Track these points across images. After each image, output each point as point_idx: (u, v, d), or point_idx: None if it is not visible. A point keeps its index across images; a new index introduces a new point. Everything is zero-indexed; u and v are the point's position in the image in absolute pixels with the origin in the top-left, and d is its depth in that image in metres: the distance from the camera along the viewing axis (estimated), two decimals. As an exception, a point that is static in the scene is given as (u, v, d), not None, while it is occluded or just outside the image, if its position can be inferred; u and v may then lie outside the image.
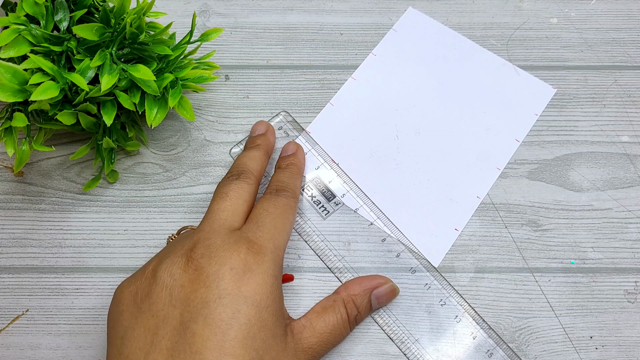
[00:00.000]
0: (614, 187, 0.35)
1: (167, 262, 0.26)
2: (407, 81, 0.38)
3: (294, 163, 0.34)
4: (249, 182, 0.30)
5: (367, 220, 0.34)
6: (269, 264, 0.26)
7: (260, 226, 0.28)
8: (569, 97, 0.38)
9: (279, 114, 0.37)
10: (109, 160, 0.34)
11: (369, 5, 0.41)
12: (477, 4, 0.41)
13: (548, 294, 0.32)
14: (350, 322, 0.30)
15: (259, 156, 0.33)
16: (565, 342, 0.31)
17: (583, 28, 0.40)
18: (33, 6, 0.30)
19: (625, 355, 0.31)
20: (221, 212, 0.28)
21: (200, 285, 0.25)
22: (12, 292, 0.33)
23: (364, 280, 0.31)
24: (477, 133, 0.37)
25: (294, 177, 0.33)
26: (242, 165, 0.31)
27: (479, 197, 0.35)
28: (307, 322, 0.28)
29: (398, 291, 0.32)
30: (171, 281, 0.25)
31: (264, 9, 0.41)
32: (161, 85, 0.31)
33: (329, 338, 0.28)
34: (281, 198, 0.30)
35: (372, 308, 0.31)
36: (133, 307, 0.25)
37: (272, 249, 0.27)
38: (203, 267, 0.25)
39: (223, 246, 0.26)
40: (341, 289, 0.31)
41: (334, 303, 0.29)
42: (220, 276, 0.25)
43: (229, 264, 0.25)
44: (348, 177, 0.35)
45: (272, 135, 0.35)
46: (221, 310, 0.24)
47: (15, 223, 0.34)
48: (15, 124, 0.29)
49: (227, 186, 0.30)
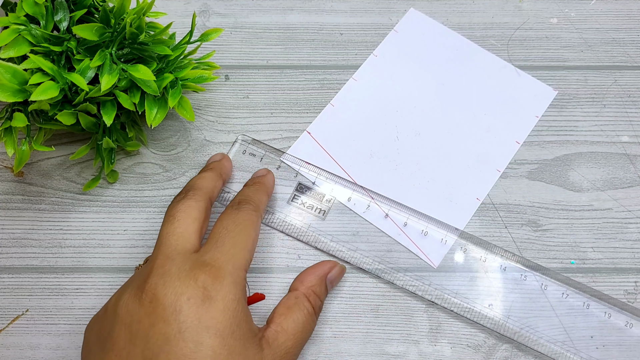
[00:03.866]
0: (614, 187, 0.35)
1: (124, 296, 0.25)
2: (408, 82, 0.38)
3: (261, 182, 0.33)
4: (196, 199, 0.29)
5: (364, 205, 0.34)
6: (229, 287, 0.25)
7: (219, 246, 0.26)
8: (569, 97, 0.38)
9: (235, 141, 0.36)
10: (108, 160, 0.34)
11: (368, 5, 0.41)
12: (477, 4, 0.41)
13: (548, 294, 0.32)
14: (316, 312, 0.29)
15: (209, 175, 0.31)
16: (566, 342, 0.31)
17: (583, 28, 0.40)
18: (33, 6, 0.30)
19: (625, 355, 0.31)
20: (171, 237, 0.27)
21: (157, 319, 0.24)
22: (12, 292, 0.33)
23: (315, 269, 0.31)
24: (477, 135, 0.37)
25: (259, 193, 0.31)
26: (190, 184, 0.30)
27: (478, 199, 0.35)
28: (278, 327, 0.27)
29: (345, 269, 0.33)
30: (129, 317, 0.24)
31: (264, 9, 0.41)
32: (161, 85, 0.31)
33: (302, 336, 0.28)
34: (242, 212, 0.29)
35: (327, 292, 0.31)
36: (97, 347, 0.25)
37: (231, 270, 0.26)
38: (159, 298, 0.24)
39: (178, 274, 0.25)
40: (297, 284, 0.30)
41: (296, 300, 0.29)
42: (178, 309, 0.24)
43: (186, 293, 0.24)
44: (328, 173, 0.35)
45: (227, 161, 0.34)
46: (183, 345, 0.23)
47: (15, 223, 0.34)
48: (15, 124, 0.29)
49: (175, 207, 0.28)
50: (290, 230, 0.34)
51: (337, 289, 0.33)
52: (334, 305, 0.32)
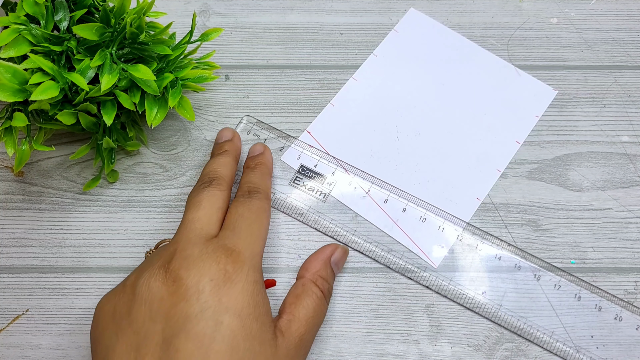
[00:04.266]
0: (614, 187, 0.35)
1: (145, 275, 0.25)
2: (408, 82, 0.38)
3: (262, 162, 0.33)
4: (221, 189, 0.30)
5: (363, 190, 0.35)
6: (248, 271, 0.26)
7: (237, 233, 0.27)
8: (569, 97, 0.38)
9: (241, 120, 0.37)
10: (109, 160, 0.34)
11: (368, 5, 0.41)
12: (477, 4, 0.41)
13: (549, 294, 0.32)
14: (326, 296, 0.30)
15: (228, 162, 0.32)
16: (567, 342, 0.31)
17: (583, 28, 0.40)
18: (33, 6, 0.30)
19: (625, 354, 0.31)
20: (196, 222, 0.28)
21: (180, 298, 0.24)
22: (12, 292, 0.33)
23: (318, 254, 0.31)
24: (477, 134, 0.37)
25: (264, 178, 0.33)
26: (213, 173, 0.31)
27: (478, 199, 0.35)
28: (289, 316, 0.28)
29: (348, 250, 0.33)
30: (150, 295, 0.25)
31: (264, 9, 0.41)
32: (161, 85, 0.31)
33: (314, 321, 0.28)
34: (254, 201, 0.30)
35: (334, 275, 0.32)
36: (113, 324, 0.25)
37: (250, 255, 0.27)
38: (182, 279, 0.25)
39: (201, 256, 0.26)
40: (302, 272, 0.31)
41: (304, 287, 0.29)
42: (201, 288, 0.25)
43: (208, 275, 0.25)
44: (330, 156, 0.35)
45: (238, 141, 0.35)
46: (203, 324, 0.24)
47: (15, 223, 0.34)
48: (15, 123, 0.29)
49: (200, 195, 0.29)
50: (291, 211, 0.34)
51: (337, 288, 0.33)
52: (334, 305, 0.32)
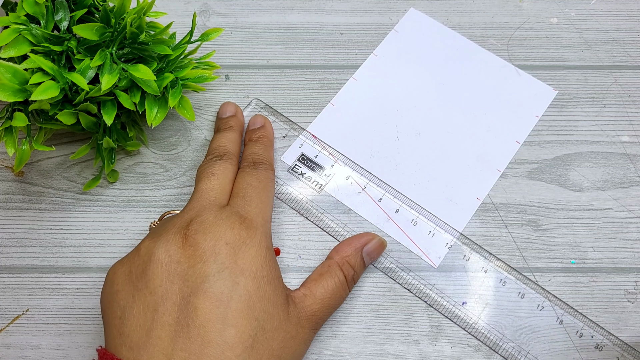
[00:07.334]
0: (614, 187, 0.35)
1: (162, 240, 0.26)
2: (408, 82, 0.38)
3: (264, 135, 0.35)
4: (232, 163, 0.32)
5: (359, 186, 0.35)
6: (261, 236, 0.27)
7: (248, 201, 0.29)
8: (569, 97, 0.38)
9: (249, 103, 0.37)
10: (109, 160, 0.34)
11: (368, 5, 0.41)
12: (477, 4, 0.41)
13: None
14: (349, 282, 0.30)
15: (235, 138, 0.34)
16: (566, 342, 0.31)
17: (583, 28, 0.40)
18: (33, 6, 0.30)
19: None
20: (210, 191, 0.29)
21: (197, 260, 0.25)
22: (12, 292, 0.33)
23: (353, 240, 0.32)
24: (477, 134, 0.37)
25: (268, 149, 0.34)
26: (223, 147, 0.33)
27: (478, 199, 0.35)
28: (306, 291, 0.29)
29: (386, 244, 0.33)
30: (167, 258, 0.26)
31: (264, 9, 0.41)
32: (161, 85, 0.31)
33: (330, 302, 0.29)
34: (261, 171, 0.31)
35: (365, 265, 0.32)
36: (129, 285, 0.26)
37: (261, 222, 0.28)
38: (199, 243, 0.26)
39: (216, 222, 0.27)
40: (333, 254, 0.31)
41: (329, 268, 0.30)
42: (217, 251, 0.26)
43: (224, 238, 0.26)
44: (333, 149, 0.36)
45: (241, 116, 0.36)
46: (221, 283, 0.25)
47: (16, 223, 0.34)
48: (16, 123, 0.29)
49: (213, 167, 0.31)
50: (285, 197, 0.35)
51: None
52: (334, 304, 0.32)
